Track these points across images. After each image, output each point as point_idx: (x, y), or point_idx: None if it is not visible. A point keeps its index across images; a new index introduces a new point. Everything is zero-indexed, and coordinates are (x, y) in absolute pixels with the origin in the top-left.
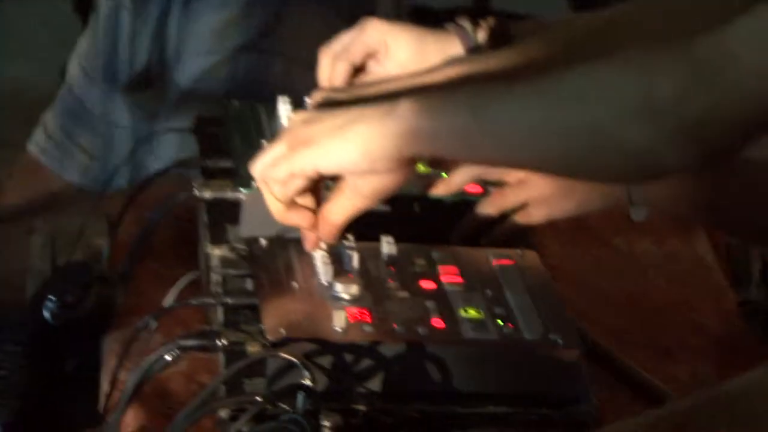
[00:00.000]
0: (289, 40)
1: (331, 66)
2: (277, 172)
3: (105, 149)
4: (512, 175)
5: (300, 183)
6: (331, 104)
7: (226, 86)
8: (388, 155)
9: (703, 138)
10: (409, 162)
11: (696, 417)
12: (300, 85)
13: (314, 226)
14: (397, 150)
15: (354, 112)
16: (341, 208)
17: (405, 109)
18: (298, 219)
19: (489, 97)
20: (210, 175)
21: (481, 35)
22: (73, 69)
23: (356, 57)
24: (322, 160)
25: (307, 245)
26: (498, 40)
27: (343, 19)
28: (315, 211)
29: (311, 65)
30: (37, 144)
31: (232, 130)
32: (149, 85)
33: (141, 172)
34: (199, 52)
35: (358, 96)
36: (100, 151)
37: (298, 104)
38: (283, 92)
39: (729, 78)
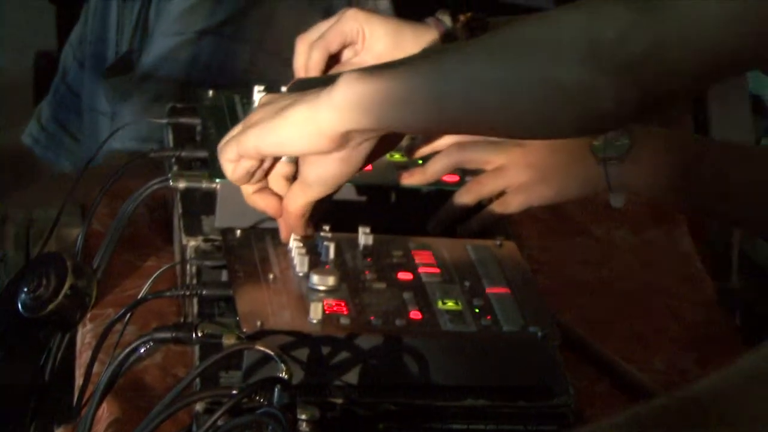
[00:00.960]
0: (258, 28)
1: (307, 53)
2: (227, 151)
3: (90, 135)
4: (490, 164)
5: (248, 164)
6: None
7: (187, 69)
8: (324, 131)
9: (641, 79)
10: (347, 138)
11: (668, 418)
12: (266, 73)
13: (279, 213)
14: (331, 126)
15: (300, 95)
16: (294, 197)
17: (342, 82)
18: (263, 204)
19: (434, 59)
20: (185, 166)
21: (460, 29)
22: (67, 59)
23: (332, 45)
24: (261, 140)
25: (282, 235)
26: (476, 34)
27: (317, 11)
28: None
29: (279, 54)
30: (30, 135)
31: (207, 119)
32: (128, 70)
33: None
34: (166, 32)
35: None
36: (85, 136)
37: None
38: (248, 79)
39: (669, 21)
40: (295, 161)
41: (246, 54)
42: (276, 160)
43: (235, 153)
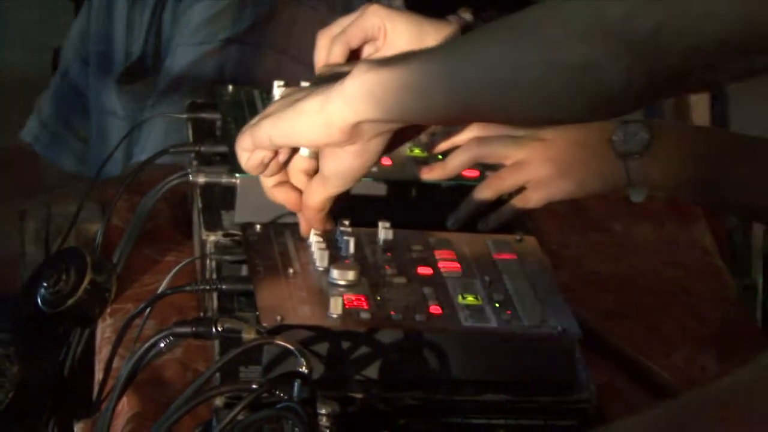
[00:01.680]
0: (281, 34)
1: (328, 48)
2: (242, 140)
3: (99, 137)
4: (510, 158)
5: (262, 154)
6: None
7: (214, 77)
8: (334, 123)
9: (649, 59)
10: (358, 130)
11: (686, 419)
12: (290, 79)
13: (299, 208)
14: (340, 116)
15: (315, 87)
16: (313, 191)
17: (354, 73)
18: (283, 198)
19: (445, 47)
20: (204, 161)
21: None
22: (68, 54)
23: (353, 40)
24: (274, 130)
25: (302, 230)
26: None
27: (338, 15)
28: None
29: (302, 60)
30: (30, 132)
31: (227, 114)
32: (142, 75)
33: (132, 162)
34: (190, 42)
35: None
36: (94, 138)
37: None
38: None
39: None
40: (316, 156)
41: (271, 61)
42: (293, 152)
43: (250, 142)
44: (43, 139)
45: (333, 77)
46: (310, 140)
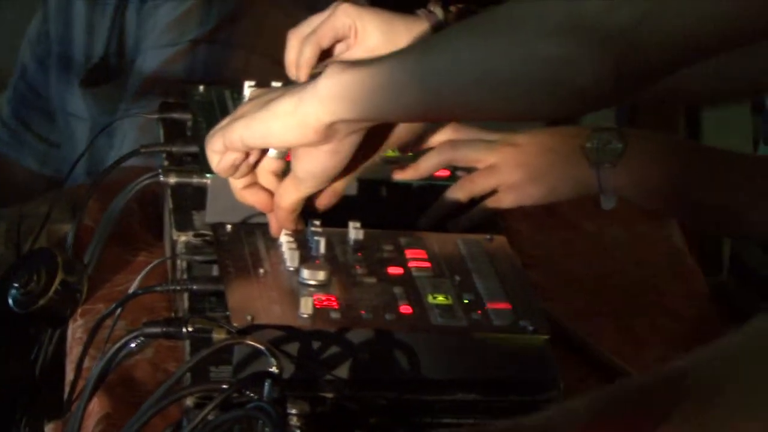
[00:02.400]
0: (249, 32)
1: (298, 48)
2: (213, 142)
3: (65, 139)
4: (482, 162)
5: (234, 156)
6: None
7: (184, 78)
8: (309, 123)
9: (621, 55)
10: (333, 130)
11: (644, 396)
12: (260, 77)
13: (270, 209)
14: (315, 116)
15: (287, 87)
16: (286, 192)
17: (327, 73)
18: (254, 199)
19: (418, 45)
20: (175, 161)
21: (452, 20)
22: (25, 55)
23: (324, 40)
24: (247, 132)
25: (272, 230)
26: None
27: (306, 11)
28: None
29: (271, 57)
30: None
31: (198, 115)
32: (107, 78)
33: (99, 165)
34: (158, 44)
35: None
36: (59, 140)
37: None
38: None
39: None
40: (284, 157)
41: (240, 59)
42: (263, 154)
43: (221, 144)
44: (3, 138)
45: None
46: (284, 141)
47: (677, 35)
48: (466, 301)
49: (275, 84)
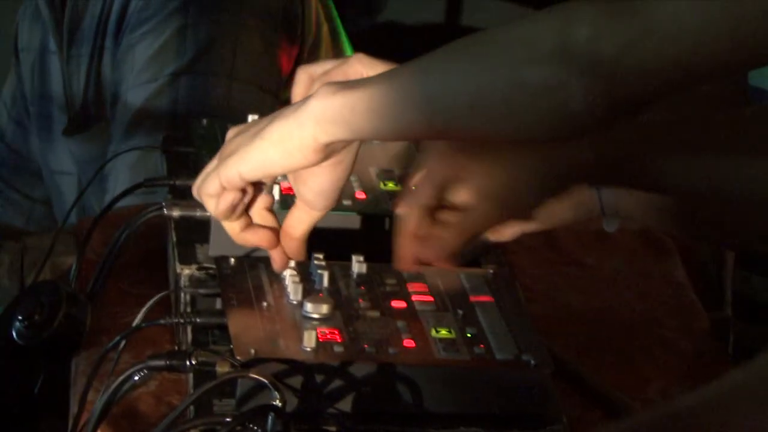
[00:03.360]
0: (226, 59)
1: (307, 85)
2: (208, 186)
3: (54, 197)
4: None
5: (232, 196)
6: None
7: (169, 112)
8: (302, 144)
9: (611, 81)
10: (328, 149)
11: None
12: (243, 103)
13: (274, 244)
14: (311, 136)
15: (273, 115)
16: (296, 219)
17: (320, 94)
18: (256, 239)
19: (408, 67)
20: (178, 194)
21: None
22: (2, 118)
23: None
24: (244, 165)
25: (275, 266)
26: None
27: (278, 34)
28: (275, 231)
29: (253, 82)
30: None
31: (201, 148)
32: (88, 126)
33: (90, 213)
34: (138, 82)
35: None
36: (41, 194)
37: None
38: (227, 110)
39: (642, 24)
40: (271, 192)
41: (222, 86)
42: (256, 192)
43: (218, 185)
44: None
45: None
46: (285, 167)
47: (666, 62)
48: (468, 335)
49: (253, 117)
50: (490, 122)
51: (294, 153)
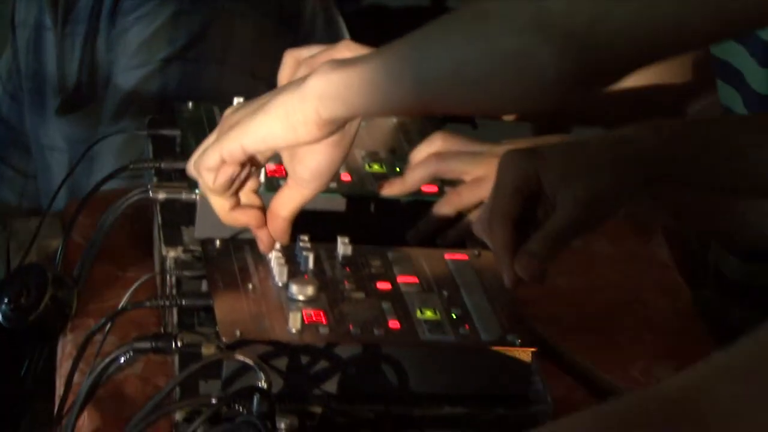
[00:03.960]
0: (218, 46)
1: (293, 68)
2: (207, 159)
3: (42, 172)
4: (468, 174)
5: (231, 169)
6: None
7: (159, 96)
8: (307, 119)
9: (583, 50)
10: (330, 124)
11: (638, 416)
12: (234, 90)
13: (262, 224)
14: (314, 111)
15: (276, 90)
16: (287, 198)
17: (319, 71)
18: (245, 218)
19: (400, 43)
20: (164, 177)
21: None
22: None
23: None
24: (246, 138)
25: (261, 247)
26: None
27: (272, 22)
28: (262, 211)
29: (244, 69)
30: None
31: (187, 131)
32: (80, 105)
33: (79, 193)
34: (130, 65)
35: None
36: (35, 172)
37: None
38: (217, 97)
39: None
40: (258, 174)
41: (212, 73)
42: (252, 169)
43: (218, 158)
44: None
45: None
46: (288, 140)
47: (635, 34)
48: (453, 316)
49: (238, 100)
50: (472, 93)
51: (298, 127)
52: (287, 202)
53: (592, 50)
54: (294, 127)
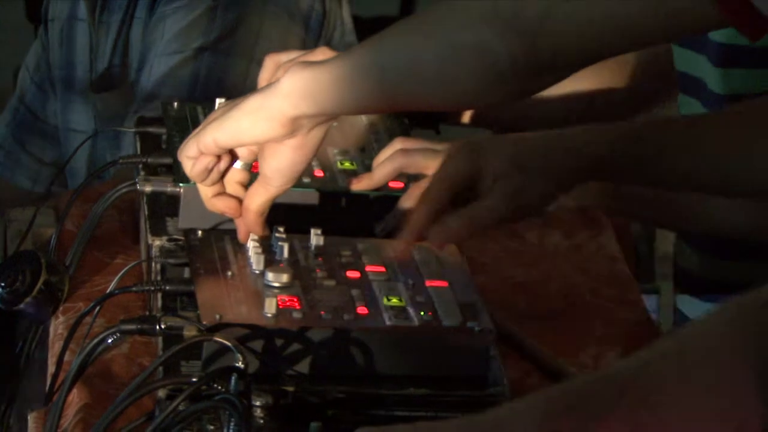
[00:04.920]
0: (247, 41)
1: (273, 71)
2: (187, 149)
3: (61, 155)
4: (430, 169)
5: (207, 160)
6: None
7: (189, 85)
8: (276, 117)
9: (532, 41)
10: (297, 124)
11: (588, 396)
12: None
13: (238, 214)
14: (280, 111)
15: (253, 92)
16: (255, 194)
17: (289, 71)
18: (223, 206)
19: (365, 43)
20: (151, 171)
21: None
22: (24, 81)
23: None
24: (219, 132)
25: (240, 236)
26: None
27: (298, 26)
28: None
29: None
30: None
31: (173, 128)
32: (109, 87)
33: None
34: (165, 52)
35: None
36: (50, 157)
37: None
38: (243, 91)
39: None
40: (249, 169)
41: (241, 67)
42: (232, 160)
43: (195, 149)
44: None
45: None
46: (254, 136)
47: (581, 26)
48: (417, 303)
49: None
50: (430, 87)
51: (262, 123)
52: (254, 197)
53: (540, 42)
54: (259, 123)
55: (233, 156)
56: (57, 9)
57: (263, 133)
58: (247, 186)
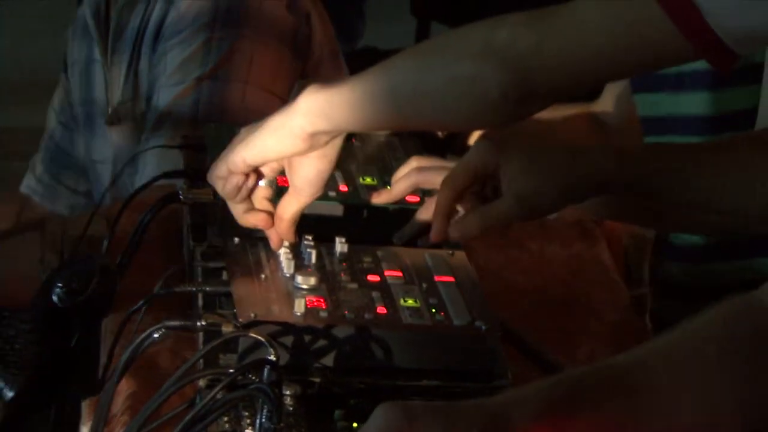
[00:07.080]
0: (242, 67)
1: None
2: (217, 170)
3: (96, 184)
4: None
5: (236, 179)
6: None
7: (192, 110)
8: (296, 133)
9: (524, 76)
10: (314, 138)
11: (582, 387)
12: (256, 105)
13: (270, 225)
14: (300, 127)
15: (279, 111)
16: (287, 204)
17: (306, 92)
18: (255, 220)
19: (376, 68)
20: (193, 184)
21: None
22: (51, 121)
23: None
24: (246, 151)
25: (272, 244)
26: None
27: (289, 50)
28: (272, 215)
29: (263, 87)
30: (28, 186)
31: (212, 148)
32: (123, 119)
33: (124, 191)
34: (169, 83)
35: None
36: (84, 187)
37: None
38: (241, 111)
39: (552, 27)
40: (273, 185)
41: (237, 90)
42: (257, 179)
43: (225, 169)
44: (39, 191)
45: None
46: (279, 152)
47: (568, 61)
48: (431, 305)
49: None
50: (432, 111)
51: (285, 140)
52: (287, 206)
53: (529, 75)
54: (282, 140)
55: (258, 175)
56: (75, 53)
57: (287, 149)
58: (272, 200)
